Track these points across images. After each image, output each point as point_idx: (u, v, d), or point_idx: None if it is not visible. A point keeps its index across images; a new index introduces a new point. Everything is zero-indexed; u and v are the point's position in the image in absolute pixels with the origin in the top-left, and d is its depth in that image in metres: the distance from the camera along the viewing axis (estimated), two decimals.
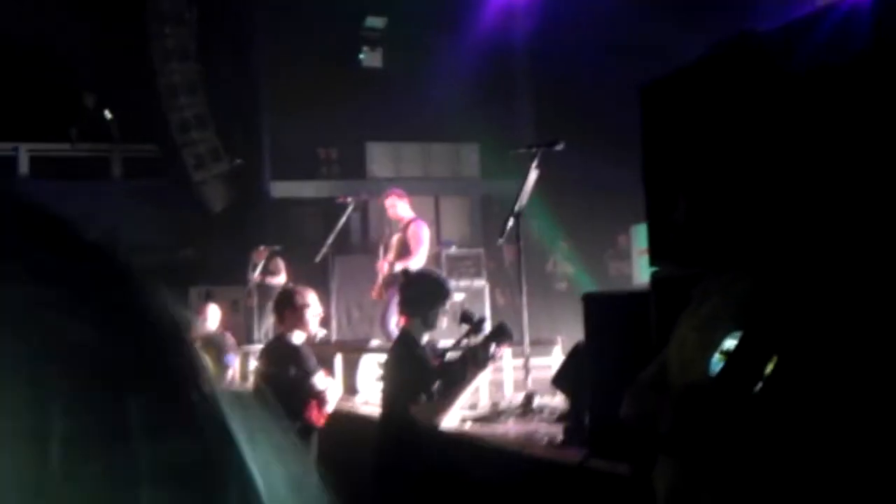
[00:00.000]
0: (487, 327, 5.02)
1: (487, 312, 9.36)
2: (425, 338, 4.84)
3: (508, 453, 4.72)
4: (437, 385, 4.68)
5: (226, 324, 10.39)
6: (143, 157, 16.11)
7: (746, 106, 2.74)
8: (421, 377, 4.63)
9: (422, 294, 4.81)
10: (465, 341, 4.93)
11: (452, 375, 4.73)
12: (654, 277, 3.21)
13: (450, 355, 5.03)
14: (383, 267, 9.12)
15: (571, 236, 13.38)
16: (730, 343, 2.38)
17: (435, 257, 11.06)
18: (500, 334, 4.82)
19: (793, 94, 2.63)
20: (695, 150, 2.60)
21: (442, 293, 4.83)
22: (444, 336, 5.27)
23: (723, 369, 2.36)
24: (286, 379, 5.64)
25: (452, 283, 5.35)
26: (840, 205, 2.50)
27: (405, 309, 4.89)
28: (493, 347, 4.75)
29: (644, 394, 2.58)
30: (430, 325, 4.78)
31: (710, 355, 2.37)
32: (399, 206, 9.15)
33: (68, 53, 13.31)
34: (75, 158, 15.71)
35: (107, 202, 15.16)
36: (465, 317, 5.07)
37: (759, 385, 2.30)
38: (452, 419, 4.87)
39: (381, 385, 5.19)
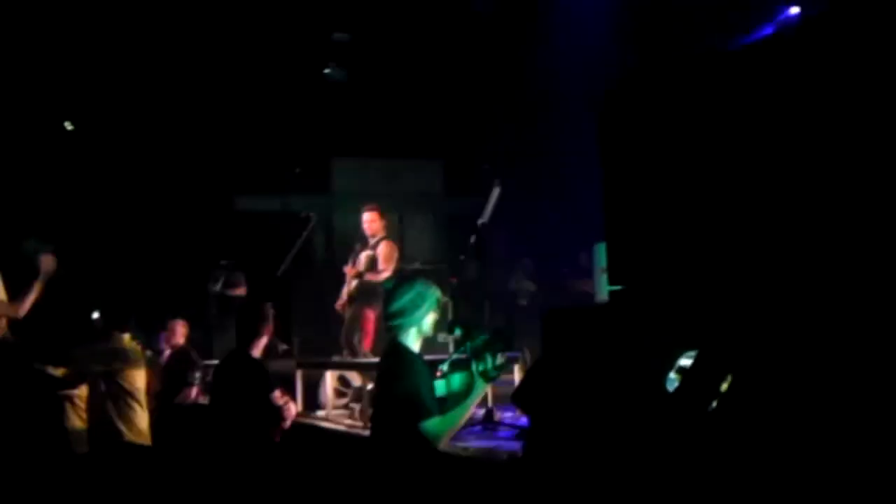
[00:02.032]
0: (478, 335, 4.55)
1: None
2: (417, 347, 4.56)
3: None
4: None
5: (189, 339, 10.28)
6: None
7: (697, 126, 2.77)
8: (425, 390, 4.31)
9: (415, 300, 4.52)
10: (456, 353, 4.59)
11: (456, 388, 4.44)
12: (612, 295, 3.22)
13: (444, 368, 4.68)
14: (351, 282, 9.10)
15: (534, 253, 13.39)
16: (684, 361, 2.39)
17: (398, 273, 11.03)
18: (504, 340, 4.46)
19: (745, 115, 2.66)
20: (649, 169, 2.62)
21: (434, 296, 4.60)
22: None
23: (679, 386, 2.36)
24: (243, 395, 5.60)
25: None
26: (797, 224, 2.52)
27: (396, 320, 4.52)
28: (499, 356, 4.41)
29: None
30: (423, 331, 4.53)
31: (667, 374, 2.39)
32: (378, 222, 9.28)
33: None
34: None
35: None
36: (464, 325, 4.63)
37: (714, 402, 2.32)
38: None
39: (368, 404, 4.87)
